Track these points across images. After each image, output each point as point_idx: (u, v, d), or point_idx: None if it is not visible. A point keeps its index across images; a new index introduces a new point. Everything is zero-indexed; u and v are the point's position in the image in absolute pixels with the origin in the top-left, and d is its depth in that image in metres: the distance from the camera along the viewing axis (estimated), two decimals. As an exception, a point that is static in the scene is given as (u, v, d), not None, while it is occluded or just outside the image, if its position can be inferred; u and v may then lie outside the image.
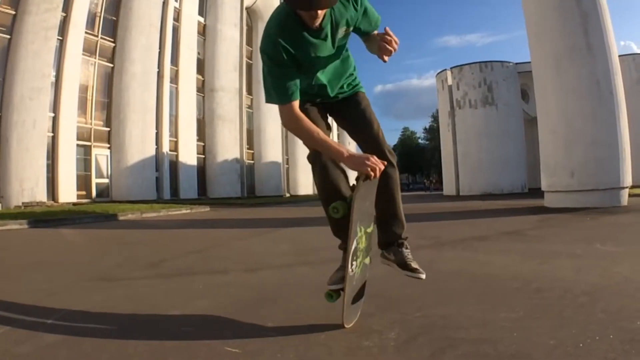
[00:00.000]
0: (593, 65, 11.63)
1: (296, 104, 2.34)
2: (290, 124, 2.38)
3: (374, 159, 2.26)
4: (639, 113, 22.99)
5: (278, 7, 2.30)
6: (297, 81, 2.34)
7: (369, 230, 2.57)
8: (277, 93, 2.33)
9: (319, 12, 2.16)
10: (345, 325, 2.40)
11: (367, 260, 2.64)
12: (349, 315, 2.44)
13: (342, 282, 2.43)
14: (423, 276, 2.52)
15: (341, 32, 2.40)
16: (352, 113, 2.70)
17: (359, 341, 2.22)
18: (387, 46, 2.36)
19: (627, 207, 10.92)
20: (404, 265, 2.58)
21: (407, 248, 2.67)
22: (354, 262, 2.42)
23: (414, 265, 2.57)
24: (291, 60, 2.29)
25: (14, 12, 20.84)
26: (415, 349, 2.09)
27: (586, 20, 11.70)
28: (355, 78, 2.75)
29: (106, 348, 2.26)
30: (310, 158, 2.51)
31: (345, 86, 2.69)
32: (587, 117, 11.55)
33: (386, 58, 2.41)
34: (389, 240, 2.68)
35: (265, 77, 2.36)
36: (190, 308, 3.00)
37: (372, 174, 2.25)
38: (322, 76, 2.52)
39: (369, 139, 2.60)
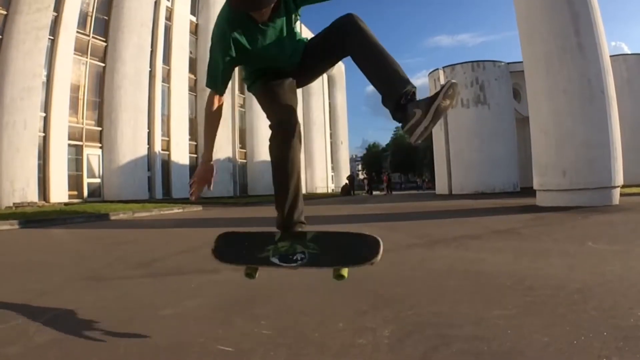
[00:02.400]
0: (584, 65, 11.66)
1: (218, 96, 2.47)
2: (207, 108, 2.51)
3: (195, 183, 2.53)
4: (629, 113, 23.11)
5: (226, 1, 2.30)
6: (229, 76, 2.44)
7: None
8: (210, 78, 2.44)
9: (265, 11, 2.19)
10: None
11: None
12: None
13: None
14: (453, 80, 2.22)
15: (295, 17, 2.41)
16: (313, 53, 2.58)
17: (352, 339, 2.22)
18: None
19: (618, 206, 10.96)
20: (433, 99, 2.13)
21: (415, 95, 2.23)
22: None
23: (435, 91, 2.16)
24: (237, 52, 2.34)
25: (4, 12, 20.68)
26: (409, 347, 2.09)
27: (577, 20, 11.73)
28: (301, 40, 2.61)
29: (97, 348, 2.24)
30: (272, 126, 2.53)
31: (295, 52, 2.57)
32: (579, 117, 11.58)
33: None
34: (400, 91, 2.22)
35: (209, 61, 2.42)
36: (182, 307, 2.99)
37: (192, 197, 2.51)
38: (275, 57, 2.49)
39: (332, 32, 2.47)
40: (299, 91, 2.81)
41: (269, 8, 2.20)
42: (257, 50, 2.38)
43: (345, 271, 2.30)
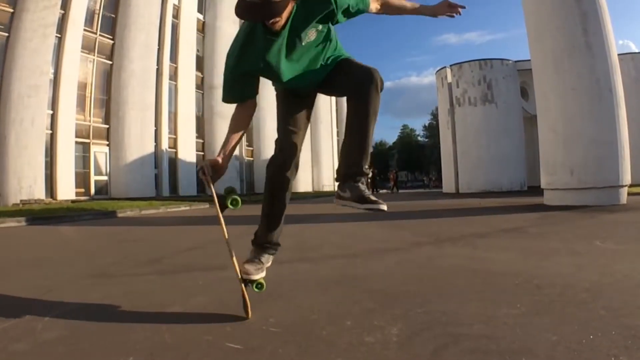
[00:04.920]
0: (592, 63, 11.62)
1: (244, 104, 2.61)
2: (233, 116, 2.63)
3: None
4: (637, 112, 23.00)
5: None
6: (252, 86, 2.57)
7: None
8: (232, 95, 2.59)
9: (277, 18, 2.21)
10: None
11: None
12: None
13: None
14: (384, 207, 2.38)
15: (311, 34, 2.43)
16: (336, 78, 2.63)
17: (361, 337, 2.21)
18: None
19: (626, 206, 10.92)
20: (362, 199, 2.42)
21: (363, 184, 2.50)
22: None
23: (373, 197, 2.42)
24: (253, 67, 2.45)
25: (12, 10, 20.80)
26: (417, 345, 2.08)
27: (585, 19, 11.69)
28: (336, 52, 2.67)
29: (105, 345, 2.24)
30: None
31: (323, 67, 2.63)
32: (587, 116, 11.54)
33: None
34: (348, 172, 2.52)
35: (225, 78, 2.53)
36: (190, 304, 2.99)
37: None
38: (295, 78, 2.55)
39: (351, 72, 2.55)
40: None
41: (281, 18, 2.23)
42: (270, 67, 2.45)
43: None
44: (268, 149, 38.46)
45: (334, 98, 53.01)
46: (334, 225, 9.15)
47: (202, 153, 32.89)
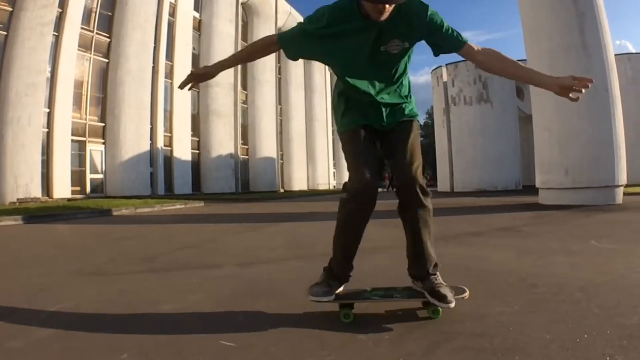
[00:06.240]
0: (589, 63, 11.62)
1: (274, 40, 2.52)
2: (249, 45, 2.69)
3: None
4: (634, 112, 23.04)
5: None
6: (300, 48, 2.50)
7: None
8: (292, 50, 2.51)
9: (385, 8, 2.16)
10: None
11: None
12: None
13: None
14: (452, 305, 2.37)
15: (393, 45, 2.37)
16: (394, 138, 2.58)
17: (353, 334, 2.22)
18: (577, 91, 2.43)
19: (621, 205, 10.94)
20: (431, 292, 2.44)
21: (437, 279, 2.53)
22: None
23: (443, 291, 2.42)
24: (323, 39, 2.38)
25: (10, 9, 20.74)
26: (410, 343, 2.09)
27: (582, 18, 11.70)
28: (408, 105, 2.63)
29: (99, 342, 2.24)
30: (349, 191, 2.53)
31: (394, 113, 2.58)
32: (583, 115, 11.55)
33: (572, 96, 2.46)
34: (415, 274, 2.61)
35: (295, 31, 2.49)
36: (184, 302, 2.99)
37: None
38: (362, 79, 2.50)
39: (398, 164, 2.51)
40: (302, 88, 2.82)
41: (390, 8, 2.19)
42: (345, 50, 2.41)
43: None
44: (263, 147, 38.50)
45: (328, 91, 52.84)
46: (328, 224, 9.13)
47: (197, 151, 32.85)
